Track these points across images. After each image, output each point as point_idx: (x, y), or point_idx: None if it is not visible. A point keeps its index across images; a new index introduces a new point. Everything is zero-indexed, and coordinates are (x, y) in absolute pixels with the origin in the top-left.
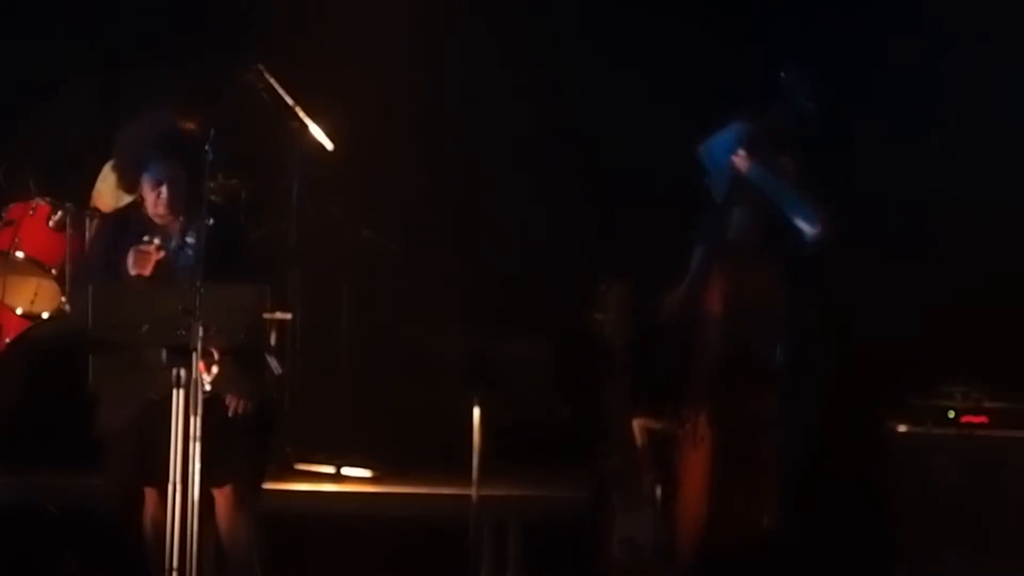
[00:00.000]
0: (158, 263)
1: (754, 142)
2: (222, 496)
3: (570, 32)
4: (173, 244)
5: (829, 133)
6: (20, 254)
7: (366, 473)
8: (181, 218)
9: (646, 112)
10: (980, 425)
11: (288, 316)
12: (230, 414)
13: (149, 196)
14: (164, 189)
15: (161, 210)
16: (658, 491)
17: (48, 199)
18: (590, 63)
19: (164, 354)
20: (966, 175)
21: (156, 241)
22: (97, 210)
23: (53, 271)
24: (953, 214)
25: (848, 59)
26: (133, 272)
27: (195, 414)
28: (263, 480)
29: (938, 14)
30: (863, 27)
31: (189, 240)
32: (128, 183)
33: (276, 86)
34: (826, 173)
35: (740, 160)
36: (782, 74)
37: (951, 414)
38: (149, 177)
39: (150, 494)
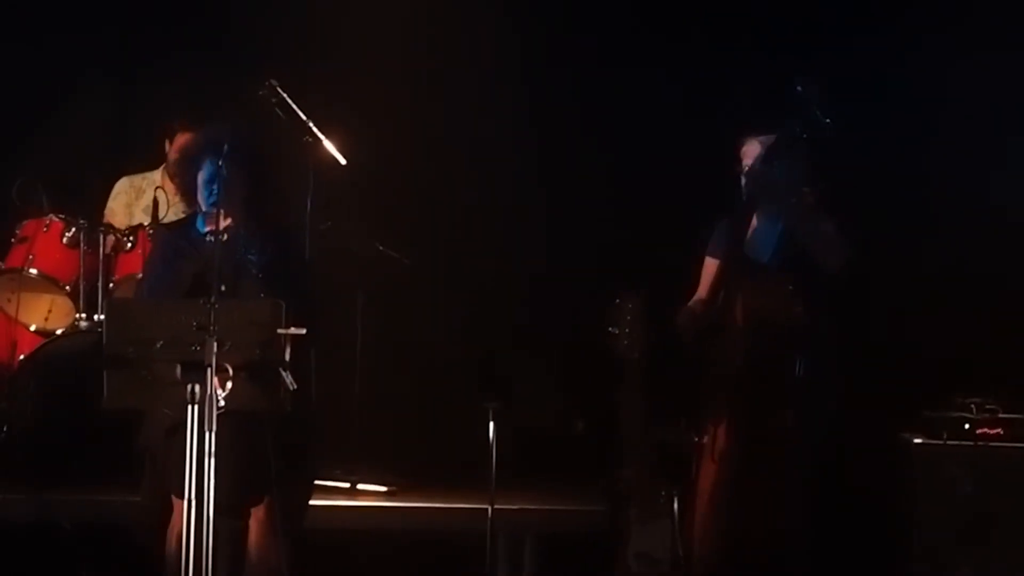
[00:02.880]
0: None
1: (768, 158)
2: (254, 519)
3: (586, 45)
4: (238, 256)
5: (845, 145)
6: (34, 271)
7: (382, 488)
8: (242, 231)
9: (661, 125)
10: (995, 437)
11: (303, 332)
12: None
13: (201, 196)
14: (216, 187)
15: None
16: (675, 504)
17: (61, 216)
18: (606, 76)
19: (179, 370)
20: (984, 188)
21: None
22: (111, 226)
23: (67, 287)
24: (970, 227)
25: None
26: None
27: (210, 430)
28: (299, 503)
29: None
30: (880, 41)
31: (252, 257)
32: (183, 188)
33: (289, 101)
34: (845, 196)
35: (755, 171)
36: (798, 87)
37: (967, 426)
38: (202, 177)
39: (178, 508)
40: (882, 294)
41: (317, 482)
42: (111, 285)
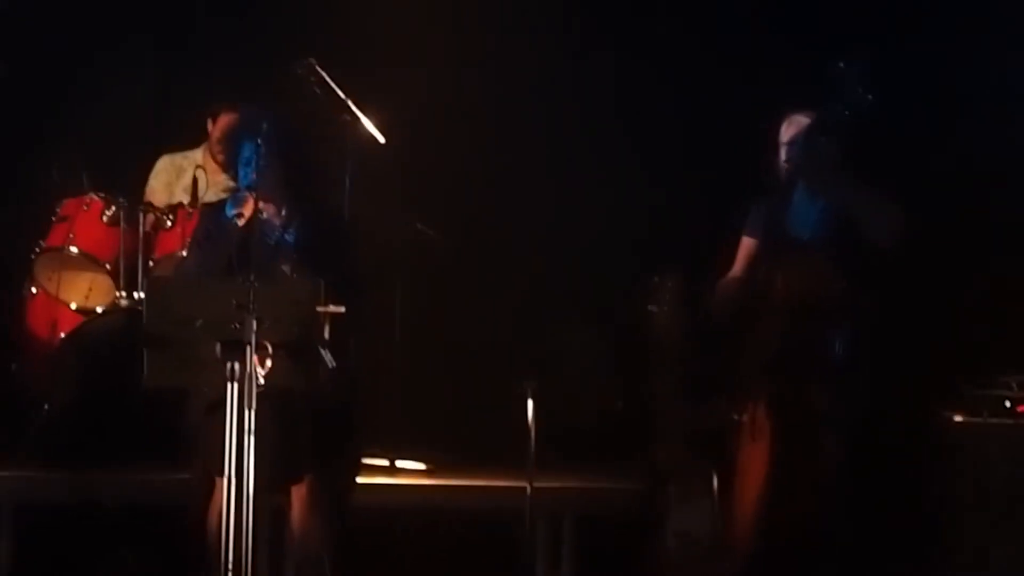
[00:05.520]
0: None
1: (811, 135)
2: (297, 496)
3: (621, 23)
4: (274, 236)
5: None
6: (74, 249)
7: (420, 466)
8: (283, 212)
9: (699, 103)
10: None
11: (341, 310)
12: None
13: (238, 175)
14: (251, 171)
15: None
16: (714, 483)
17: (102, 195)
18: (642, 54)
19: (218, 348)
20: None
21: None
22: (151, 204)
23: (107, 266)
24: (1008, 203)
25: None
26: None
27: (249, 408)
28: (345, 480)
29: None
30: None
31: (288, 238)
32: (227, 168)
33: (328, 79)
34: (886, 172)
35: (797, 149)
36: (840, 65)
37: (1007, 404)
38: (241, 158)
39: (220, 486)
40: (921, 270)
41: None
42: (151, 263)
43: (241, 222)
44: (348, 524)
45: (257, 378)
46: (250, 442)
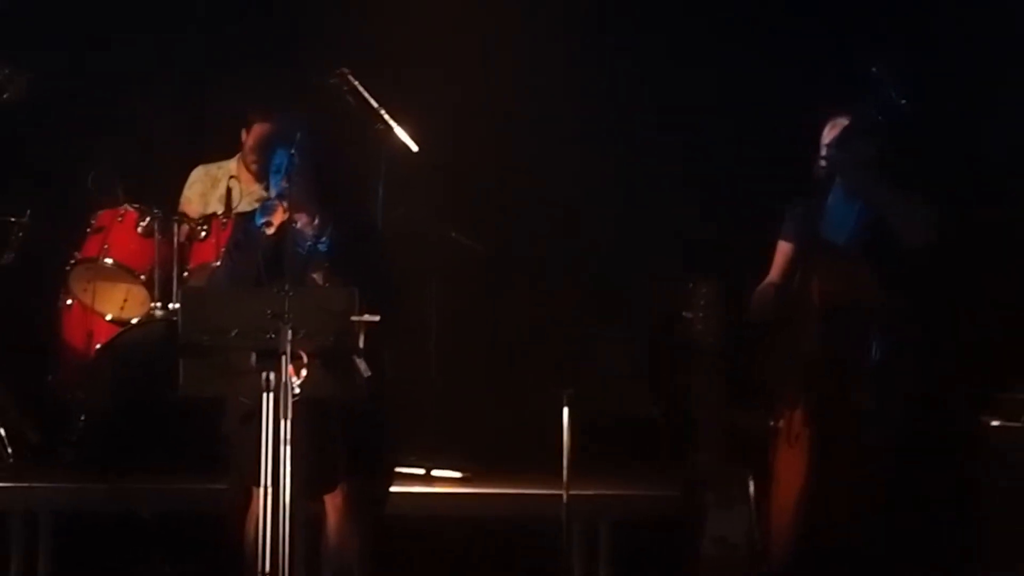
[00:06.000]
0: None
1: (847, 137)
2: (332, 505)
3: (660, 30)
4: (306, 246)
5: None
6: (109, 260)
7: (456, 474)
8: (316, 220)
9: (735, 109)
10: None
11: (376, 319)
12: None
13: (270, 185)
14: (282, 178)
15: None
16: (751, 489)
17: (136, 205)
18: (680, 61)
19: (253, 358)
20: None
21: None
22: (185, 215)
23: (142, 277)
24: None
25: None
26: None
27: (285, 417)
28: (380, 489)
29: None
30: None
31: (321, 247)
32: (260, 177)
33: (361, 89)
34: (921, 175)
35: (834, 152)
36: (873, 68)
37: None
38: (272, 167)
39: (258, 497)
40: (957, 273)
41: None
42: (185, 274)
43: (270, 230)
44: (383, 533)
45: (292, 387)
46: (286, 452)
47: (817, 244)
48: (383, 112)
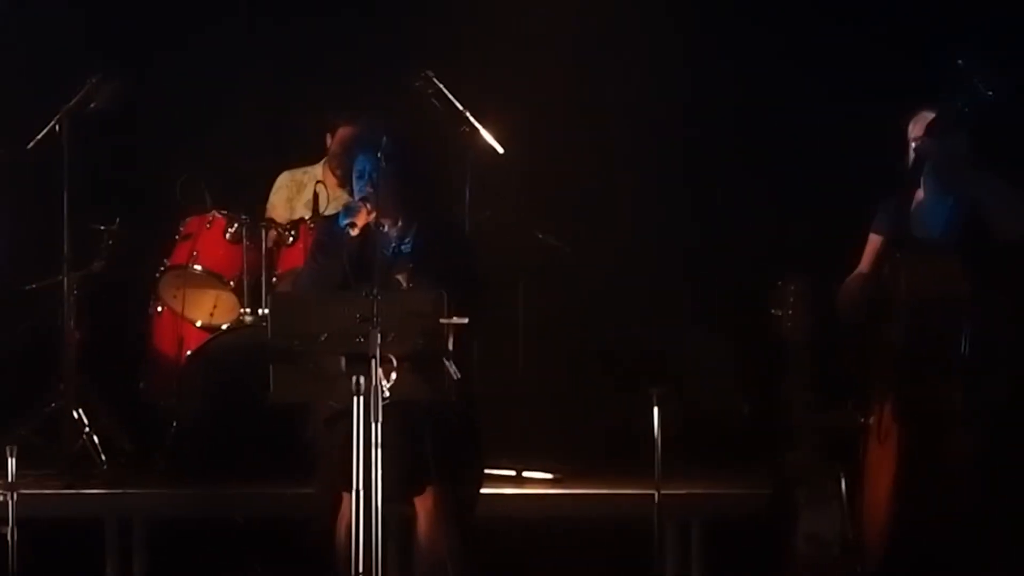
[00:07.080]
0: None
1: (933, 131)
2: (422, 507)
3: (743, 30)
4: (390, 249)
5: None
6: (198, 267)
7: (547, 475)
8: (399, 223)
9: (822, 106)
10: None
11: (464, 321)
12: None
13: (354, 189)
14: (365, 184)
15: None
16: (843, 486)
17: (224, 212)
18: (764, 58)
19: (343, 362)
20: None
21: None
22: (273, 221)
23: (231, 283)
24: None
25: None
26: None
27: (376, 421)
28: (470, 491)
29: None
30: None
31: (405, 249)
32: (344, 181)
33: (445, 91)
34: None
35: (924, 146)
36: (960, 61)
37: None
38: (356, 171)
39: (348, 501)
40: None
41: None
42: (274, 279)
43: (354, 232)
44: (475, 535)
45: (382, 391)
46: (377, 455)
47: (906, 237)
48: (468, 114)
